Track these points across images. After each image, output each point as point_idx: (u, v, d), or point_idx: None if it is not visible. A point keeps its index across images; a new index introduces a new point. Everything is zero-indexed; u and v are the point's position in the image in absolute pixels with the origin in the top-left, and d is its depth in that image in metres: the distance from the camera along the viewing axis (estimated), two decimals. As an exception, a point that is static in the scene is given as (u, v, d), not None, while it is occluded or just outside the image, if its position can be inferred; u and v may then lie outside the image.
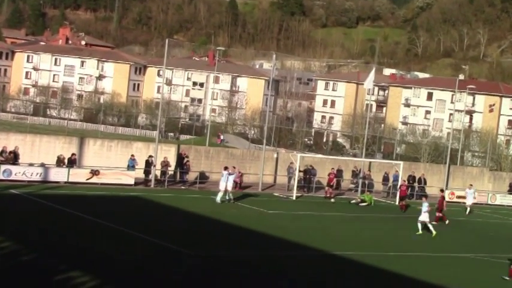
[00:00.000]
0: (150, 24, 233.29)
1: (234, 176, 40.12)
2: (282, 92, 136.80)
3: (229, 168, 40.00)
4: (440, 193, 42.50)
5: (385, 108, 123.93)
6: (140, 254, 25.23)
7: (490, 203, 53.71)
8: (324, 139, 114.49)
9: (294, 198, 44.19)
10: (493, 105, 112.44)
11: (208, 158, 47.83)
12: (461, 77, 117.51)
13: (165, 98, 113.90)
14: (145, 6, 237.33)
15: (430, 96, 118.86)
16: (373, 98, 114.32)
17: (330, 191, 46.10)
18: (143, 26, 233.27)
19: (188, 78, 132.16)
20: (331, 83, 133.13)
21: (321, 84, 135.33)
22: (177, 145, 49.81)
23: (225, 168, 39.63)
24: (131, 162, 42.34)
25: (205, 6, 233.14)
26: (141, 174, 42.78)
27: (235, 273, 24.22)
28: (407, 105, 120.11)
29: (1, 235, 25.21)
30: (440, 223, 40.07)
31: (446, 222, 40.47)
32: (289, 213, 39.15)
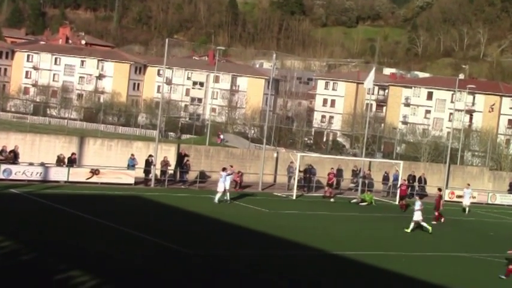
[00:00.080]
0: (150, 23, 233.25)
1: (231, 176, 40.10)
2: (282, 92, 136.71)
3: (227, 168, 39.99)
4: (438, 192, 42.53)
5: (385, 107, 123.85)
6: (140, 253, 25.24)
7: (490, 202, 53.68)
8: (324, 138, 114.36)
9: (294, 197, 44.19)
10: (493, 105, 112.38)
11: (208, 158, 47.84)
12: (461, 76, 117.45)
13: (165, 97, 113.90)
14: (145, 6, 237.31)
15: (430, 95, 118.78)
16: (373, 97, 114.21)
17: (330, 190, 46.10)
18: (143, 26, 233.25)
19: (188, 78, 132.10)
20: (331, 82, 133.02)
21: (321, 83, 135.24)
22: (177, 144, 49.78)
23: (223, 169, 39.61)
24: (131, 162, 42.35)
25: (205, 5, 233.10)
26: (141, 173, 42.79)
27: (235, 273, 24.23)
28: (407, 104, 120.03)
29: (1, 234, 25.21)
30: (428, 222, 40.29)
31: (442, 220, 40.57)
32: (290, 212, 39.17)
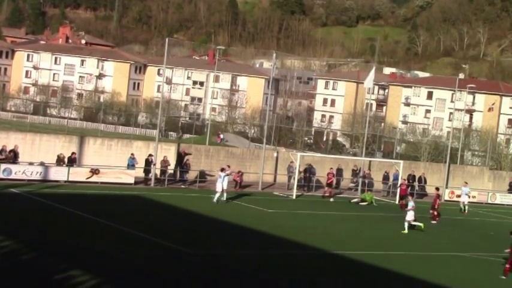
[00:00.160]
0: (150, 23, 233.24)
1: (230, 176, 39.89)
2: (282, 91, 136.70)
3: (225, 168, 39.92)
4: (436, 191, 42.56)
5: (385, 107, 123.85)
6: (140, 253, 25.23)
7: (490, 202, 53.67)
8: (324, 138, 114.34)
9: (294, 197, 44.19)
10: (493, 104, 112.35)
11: (208, 157, 47.83)
12: (461, 76, 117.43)
13: (165, 97, 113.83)
14: (145, 5, 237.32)
15: (430, 95, 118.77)
16: (373, 97, 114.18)
17: (329, 190, 46.09)
18: (143, 25, 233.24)
19: (188, 77, 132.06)
20: (331, 82, 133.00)
21: (321, 83, 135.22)
22: (177, 144, 49.78)
23: (221, 169, 39.52)
24: (131, 161, 42.34)
25: (205, 5, 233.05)
26: (141, 173, 42.80)
27: (235, 273, 24.22)
28: (407, 104, 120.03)
29: (1, 234, 25.20)
30: (426, 221, 40.30)
31: (436, 220, 40.57)
32: (289, 212, 39.18)
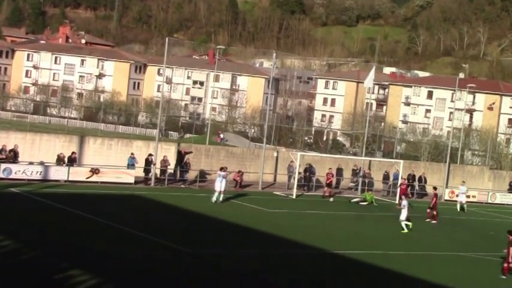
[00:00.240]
0: (150, 22, 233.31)
1: (226, 178, 39.47)
2: (282, 91, 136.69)
3: (224, 168, 39.67)
4: (434, 191, 42.58)
5: (385, 106, 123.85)
6: (140, 252, 25.23)
7: (490, 201, 53.65)
8: (324, 138, 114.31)
9: (294, 197, 44.19)
10: (493, 103, 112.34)
11: (209, 157, 47.83)
12: (461, 75, 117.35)
13: (165, 96, 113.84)
14: (145, 5, 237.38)
15: (430, 94, 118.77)
16: (373, 96, 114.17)
17: (329, 190, 46.08)
18: (143, 25, 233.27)
19: (188, 77, 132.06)
20: (331, 81, 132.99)
21: (321, 82, 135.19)
22: (177, 143, 49.76)
23: (221, 168, 39.35)
24: (131, 161, 42.33)
25: (205, 4, 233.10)
26: (141, 173, 42.79)
27: (235, 272, 24.22)
28: (407, 103, 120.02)
29: (1, 234, 25.20)
30: (429, 220, 40.42)
31: (428, 220, 40.57)
32: (289, 211, 39.17)
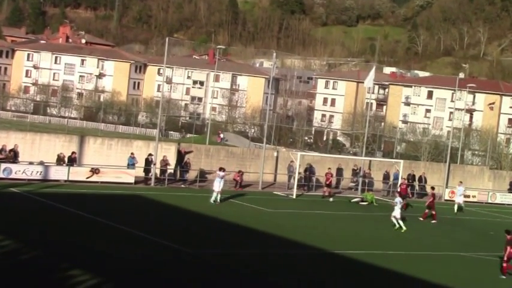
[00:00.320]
0: (150, 22, 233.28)
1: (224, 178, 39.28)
2: (282, 91, 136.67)
3: (224, 168, 39.61)
4: (431, 190, 42.57)
5: (385, 106, 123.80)
6: (140, 252, 25.23)
7: (490, 201, 53.65)
8: (324, 137, 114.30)
9: (294, 196, 44.20)
10: (493, 103, 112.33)
11: (209, 157, 47.83)
12: (461, 75, 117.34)
13: (165, 96, 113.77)
14: (145, 5, 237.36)
15: (430, 94, 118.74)
16: (373, 96, 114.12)
17: (328, 190, 46.08)
18: (143, 25, 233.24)
19: (188, 77, 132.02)
20: (331, 81, 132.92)
21: (321, 82, 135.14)
22: (178, 143, 49.76)
23: (220, 168, 39.22)
24: (131, 161, 42.32)
25: (205, 4, 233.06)
26: (141, 172, 42.78)
27: (235, 272, 24.23)
28: (407, 103, 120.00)
29: (1, 233, 25.21)
30: (426, 220, 40.45)
31: (421, 219, 40.58)
32: (289, 211, 39.17)
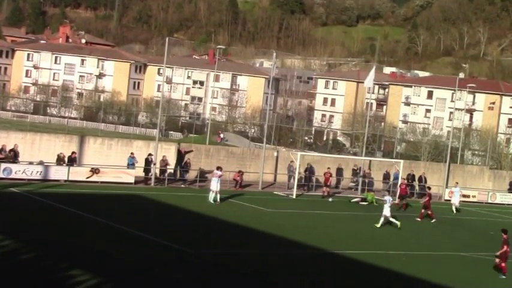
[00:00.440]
0: (151, 22, 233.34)
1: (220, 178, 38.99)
2: (282, 91, 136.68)
3: (221, 168, 39.54)
4: (428, 190, 42.56)
5: (385, 106, 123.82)
6: (140, 252, 25.22)
7: (490, 201, 53.66)
8: (324, 137, 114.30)
9: (294, 196, 44.20)
10: (493, 103, 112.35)
11: (209, 157, 47.83)
12: (461, 75, 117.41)
13: (165, 96, 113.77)
14: (145, 5, 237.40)
15: (430, 94, 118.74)
16: (373, 96, 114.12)
17: (328, 190, 46.07)
18: (143, 25, 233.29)
19: (188, 77, 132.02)
20: (331, 81, 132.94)
21: (321, 82, 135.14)
22: (178, 143, 49.76)
23: (217, 168, 39.11)
24: (130, 160, 42.32)
25: (205, 4, 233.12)
26: (141, 172, 42.79)
27: (235, 272, 24.23)
28: (407, 103, 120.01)
29: (1, 233, 25.19)
30: (424, 220, 40.45)
31: (418, 219, 40.57)
32: (289, 211, 39.18)
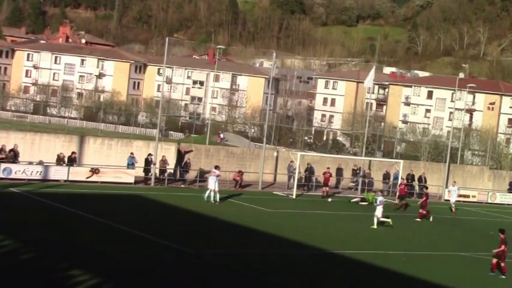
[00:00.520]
0: (150, 22, 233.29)
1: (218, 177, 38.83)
2: (282, 91, 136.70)
3: (219, 167, 39.55)
4: (425, 190, 42.54)
5: (385, 106, 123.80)
6: (140, 253, 25.23)
7: (490, 201, 53.67)
8: (324, 137, 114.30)
9: (294, 196, 44.20)
10: (493, 103, 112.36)
11: (209, 157, 47.82)
12: (461, 75, 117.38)
13: (165, 96, 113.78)
14: (145, 5, 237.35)
15: (430, 94, 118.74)
16: (373, 96, 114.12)
17: (327, 190, 46.06)
18: (143, 25, 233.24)
19: (188, 77, 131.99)
20: (331, 81, 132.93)
21: (321, 82, 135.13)
22: (178, 143, 49.76)
23: (216, 167, 39.09)
24: (130, 160, 42.32)
25: (205, 4, 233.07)
26: (141, 172, 42.80)
27: (235, 272, 24.23)
28: (407, 103, 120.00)
29: (1, 233, 25.20)
30: (423, 220, 40.47)
31: (418, 220, 40.56)
32: (289, 211, 39.18)
